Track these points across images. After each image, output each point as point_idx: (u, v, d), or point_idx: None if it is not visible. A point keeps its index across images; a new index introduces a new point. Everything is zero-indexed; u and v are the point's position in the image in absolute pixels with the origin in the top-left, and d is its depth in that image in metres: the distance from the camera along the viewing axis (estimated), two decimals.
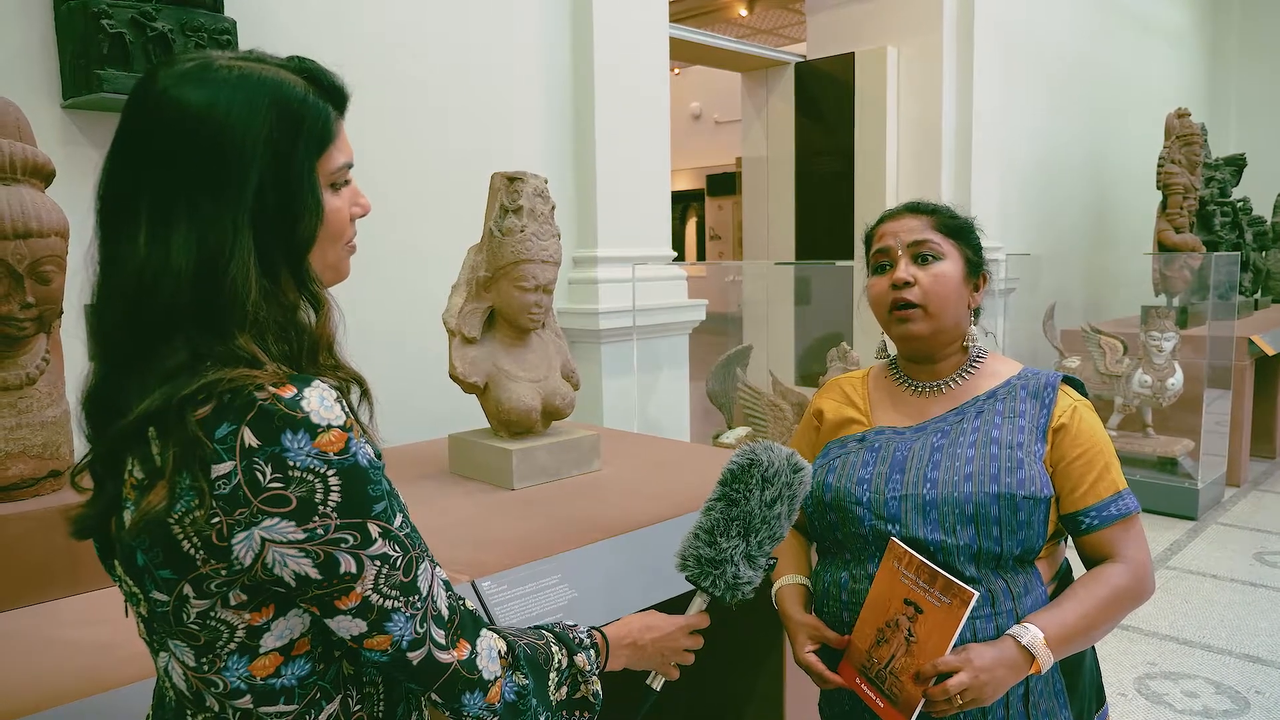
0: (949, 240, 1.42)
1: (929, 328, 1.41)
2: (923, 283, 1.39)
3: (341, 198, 0.89)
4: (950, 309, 1.40)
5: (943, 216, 1.44)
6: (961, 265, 1.42)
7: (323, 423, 0.77)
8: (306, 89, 0.84)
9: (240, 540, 0.76)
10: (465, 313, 2.13)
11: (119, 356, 0.81)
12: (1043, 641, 1.26)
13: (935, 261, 1.40)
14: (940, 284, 1.39)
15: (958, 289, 1.41)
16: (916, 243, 1.41)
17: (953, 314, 1.41)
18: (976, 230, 1.48)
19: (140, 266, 0.78)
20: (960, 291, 1.42)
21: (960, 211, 1.49)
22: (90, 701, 1.19)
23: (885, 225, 1.47)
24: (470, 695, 0.89)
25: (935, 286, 1.39)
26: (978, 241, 1.47)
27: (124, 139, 0.81)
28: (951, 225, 1.43)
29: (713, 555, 1.19)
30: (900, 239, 1.42)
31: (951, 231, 1.43)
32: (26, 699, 1.16)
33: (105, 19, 2.26)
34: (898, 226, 1.44)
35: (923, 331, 1.41)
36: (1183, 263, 5.75)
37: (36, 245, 1.40)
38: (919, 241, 1.41)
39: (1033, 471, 1.34)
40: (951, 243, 1.42)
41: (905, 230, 1.43)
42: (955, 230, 1.43)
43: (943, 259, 1.40)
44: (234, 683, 0.82)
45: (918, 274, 1.40)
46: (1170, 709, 2.98)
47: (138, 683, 1.22)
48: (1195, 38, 9.39)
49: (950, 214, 1.46)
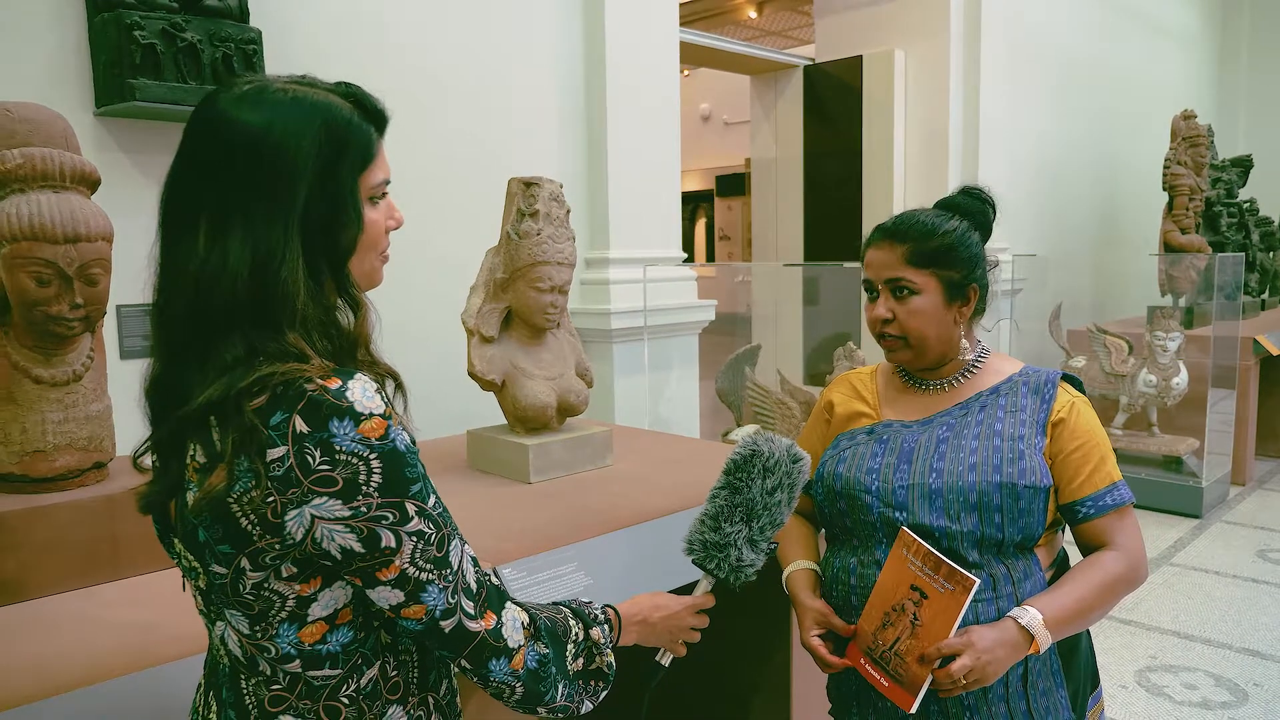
0: (923, 271, 1.44)
1: (911, 356, 1.49)
2: (900, 317, 1.45)
3: (379, 211, 0.97)
4: (931, 337, 1.46)
5: (917, 244, 1.44)
6: (939, 293, 1.45)
7: (365, 411, 0.85)
8: (352, 112, 0.93)
9: (292, 517, 0.84)
10: (484, 313, 2.22)
11: (180, 350, 0.89)
12: (1041, 623, 1.33)
13: (911, 296, 1.45)
14: (916, 318, 1.45)
15: (937, 317, 1.45)
16: (891, 280, 1.46)
17: (935, 339, 1.47)
18: (960, 244, 1.45)
19: (200, 268, 0.86)
20: (941, 317, 1.46)
21: (947, 226, 1.45)
22: (137, 677, 1.28)
23: (870, 253, 1.50)
24: (496, 662, 0.97)
25: (911, 321, 1.45)
26: (965, 254, 1.45)
27: (187, 153, 0.90)
28: (925, 253, 1.44)
29: (717, 540, 1.27)
30: (879, 274, 1.48)
31: (926, 260, 1.44)
32: (81, 674, 1.25)
33: (137, 30, 2.35)
34: (876, 258, 1.48)
35: (907, 359, 1.50)
36: (1189, 263, 5.80)
37: (85, 249, 1.49)
38: (892, 279, 1.46)
39: (1033, 462, 1.41)
40: (927, 273, 1.44)
41: (881, 265, 1.47)
42: (930, 258, 1.44)
43: (918, 293, 1.44)
44: (284, 648, 0.91)
45: (895, 309, 1.46)
46: (1169, 700, 3.04)
47: (181, 660, 1.31)
48: (1205, 40, 9.41)
49: (927, 238, 1.44)
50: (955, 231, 1.46)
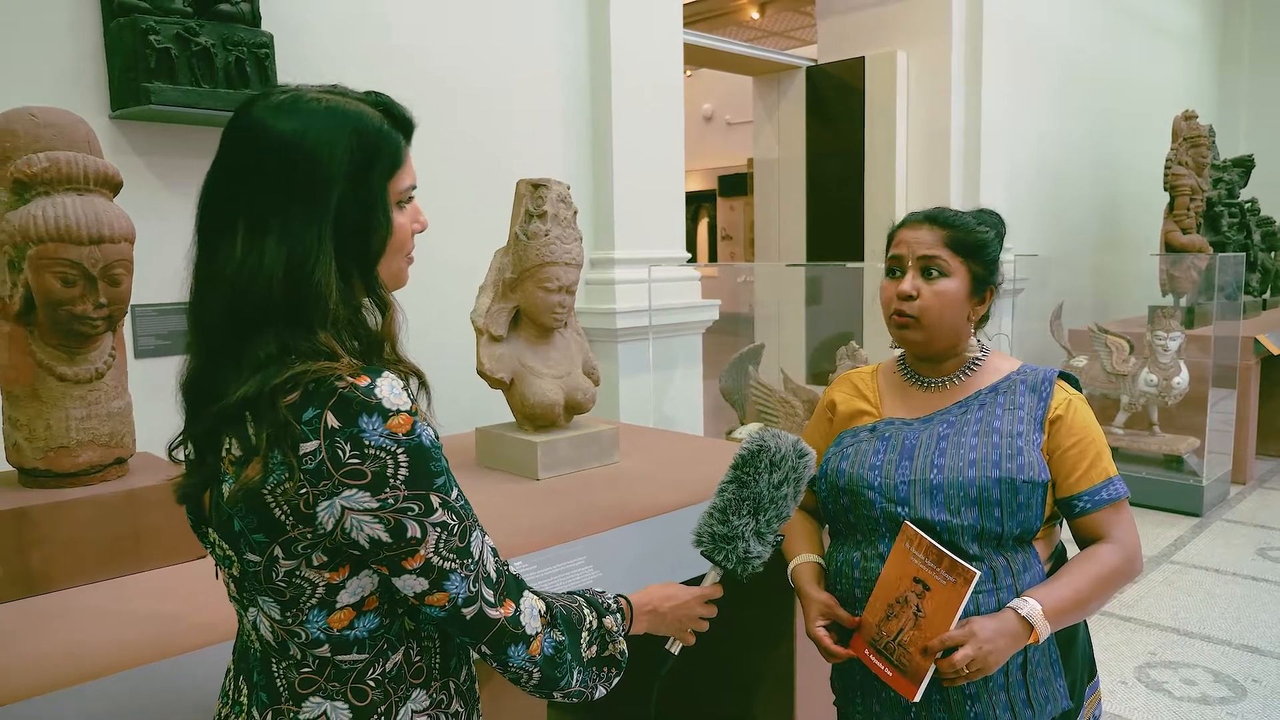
0: (958, 258, 1.49)
1: (922, 337, 1.52)
2: (924, 297, 1.49)
3: (405, 215, 1.01)
4: (946, 324, 1.50)
5: (958, 232, 1.50)
6: (966, 282, 1.50)
7: (393, 408, 0.89)
8: (382, 120, 0.97)
9: (323, 508, 0.88)
10: (492, 312, 2.26)
11: (216, 347, 0.93)
12: (1040, 613, 1.37)
13: (940, 278, 1.49)
14: (940, 300, 1.49)
15: (958, 305, 1.50)
16: (925, 257, 1.50)
17: (949, 327, 1.51)
18: (992, 245, 1.52)
19: (237, 269, 0.90)
20: (961, 307, 1.50)
21: (982, 225, 1.52)
22: (162, 665, 1.32)
23: (903, 232, 1.55)
24: (515, 648, 1.01)
25: (934, 302, 1.49)
26: (993, 256, 1.52)
27: (224, 159, 0.94)
28: (964, 243, 1.50)
29: (725, 532, 1.31)
30: (912, 250, 1.51)
31: (963, 249, 1.50)
32: (108, 662, 1.29)
33: (153, 34, 2.38)
34: (913, 236, 1.52)
35: (916, 339, 1.53)
36: (1190, 263, 5.83)
37: (109, 250, 1.53)
38: (928, 256, 1.49)
39: (1031, 458, 1.45)
40: (960, 260, 1.49)
41: (918, 242, 1.51)
42: (967, 248, 1.50)
43: (948, 276, 1.49)
44: (314, 634, 0.95)
45: (921, 287, 1.49)
46: (1169, 696, 3.08)
47: (205, 649, 1.35)
48: (1206, 41, 9.44)
49: (968, 230, 1.50)
50: (988, 234, 1.53)
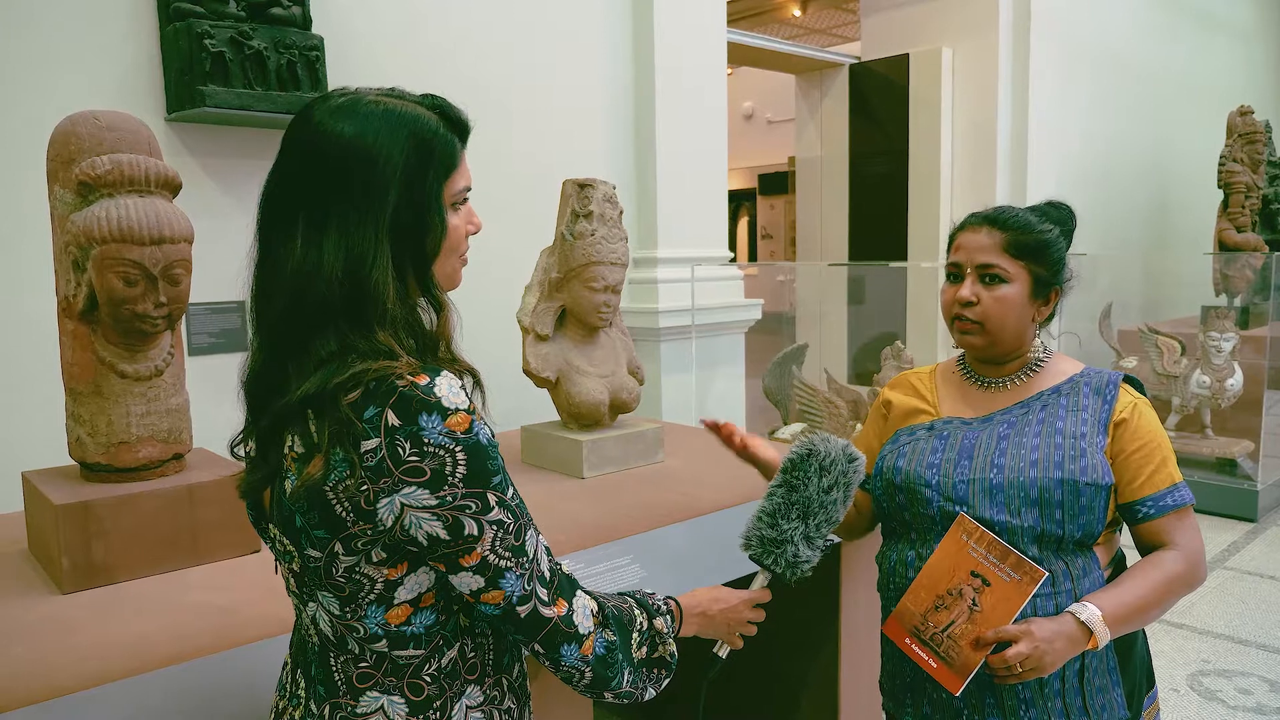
0: (1017, 262, 1.47)
1: (985, 342, 1.50)
2: (985, 303, 1.47)
3: (460, 216, 1.02)
4: (1009, 328, 1.48)
5: (1018, 234, 1.47)
6: (1028, 286, 1.47)
7: (452, 406, 0.90)
8: (438, 123, 0.98)
9: (384, 505, 0.89)
10: (538, 311, 2.27)
11: (278, 345, 0.95)
12: (1100, 619, 1.34)
13: (1000, 284, 1.47)
14: (1001, 306, 1.46)
15: (1019, 309, 1.47)
16: (984, 265, 1.48)
17: (1012, 331, 1.48)
18: (1055, 245, 1.49)
19: (297, 269, 0.92)
20: (1023, 311, 1.48)
21: (1046, 223, 1.49)
22: (223, 656, 1.35)
23: (963, 236, 1.52)
24: (568, 647, 1.01)
25: (995, 308, 1.46)
26: (1056, 255, 1.49)
27: (285, 161, 0.95)
28: (1024, 245, 1.47)
29: (774, 536, 1.30)
30: (971, 256, 1.49)
31: (1022, 252, 1.47)
32: (171, 652, 1.32)
33: (207, 39, 2.44)
34: (972, 241, 1.50)
35: (978, 344, 1.51)
36: (1244, 262, 5.69)
37: (169, 250, 1.57)
38: (986, 264, 1.47)
39: (1095, 460, 1.42)
40: (1020, 264, 1.47)
41: (977, 248, 1.49)
42: (1027, 250, 1.47)
43: (1008, 282, 1.47)
44: (372, 629, 0.96)
45: (981, 294, 1.47)
46: (1223, 705, 3.00)
47: (262, 641, 1.38)
48: (1261, 35, 9.19)
49: (1028, 230, 1.47)
50: (1051, 233, 1.49)
